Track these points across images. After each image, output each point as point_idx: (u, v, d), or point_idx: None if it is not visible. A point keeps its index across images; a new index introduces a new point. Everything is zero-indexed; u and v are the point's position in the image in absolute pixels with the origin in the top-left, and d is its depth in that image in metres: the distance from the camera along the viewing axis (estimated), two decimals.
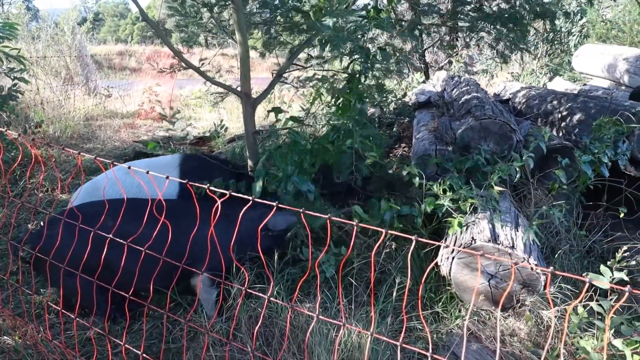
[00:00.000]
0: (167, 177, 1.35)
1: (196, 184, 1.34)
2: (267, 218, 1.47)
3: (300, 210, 1.14)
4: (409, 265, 1.08)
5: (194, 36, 3.48)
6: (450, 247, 1.33)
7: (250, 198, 1.19)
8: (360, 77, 2.88)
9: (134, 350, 1.47)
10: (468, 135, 2.96)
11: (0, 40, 3.90)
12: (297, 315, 2.07)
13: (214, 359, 1.99)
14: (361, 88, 2.95)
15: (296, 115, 3.41)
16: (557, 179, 2.71)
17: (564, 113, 3.75)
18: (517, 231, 2.27)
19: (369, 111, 5.61)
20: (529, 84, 6.62)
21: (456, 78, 5.37)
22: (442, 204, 2.38)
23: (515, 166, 2.52)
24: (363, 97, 2.89)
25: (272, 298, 1.55)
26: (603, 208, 2.92)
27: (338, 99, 2.99)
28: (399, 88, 6.81)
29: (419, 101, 5.35)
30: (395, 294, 2.19)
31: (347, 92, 2.90)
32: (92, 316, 2.13)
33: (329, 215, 1.09)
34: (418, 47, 7.29)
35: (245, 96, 3.10)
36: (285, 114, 3.11)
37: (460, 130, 3.01)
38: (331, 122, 3.02)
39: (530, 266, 2.04)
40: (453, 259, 2.21)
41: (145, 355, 1.36)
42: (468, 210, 2.35)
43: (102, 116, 6.96)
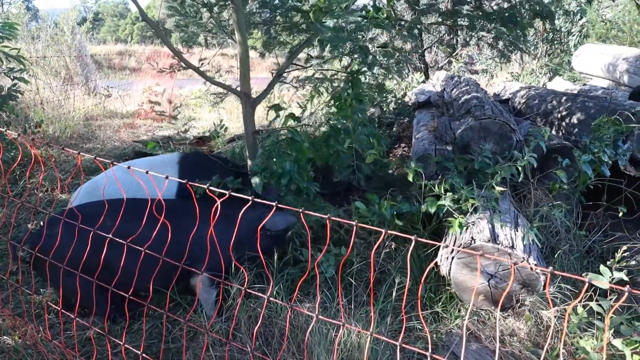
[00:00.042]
0: (167, 177, 1.35)
1: (196, 184, 1.34)
2: (267, 218, 1.46)
3: (300, 210, 1.14)
4: (409, 265, 1.08)
5: (194, 36, 3.48)
6: (449, 247, 1.33)
7: (249, 198, 1.19)
8: (358, 76, 2.88)
9: (134, 350, 1.47)
10: (468, 135, 2.96)
11: (0, 40, 3.90)
12: (297, 315, 2.07)
13: (214, 359, 1.99)
14: (361, 88, 2.95)
15: (295, 114, 3.41)
16: (558, 179, 2.71)
17: (564, 113, 3.74)
18: (517, 231, 2.27)
19: (369, 111, 5.61)
20: (529, 84, 6.62)
21: (456, 78, 5.37)
22: (444, 204, 2.38)
23: (519, 165, 2.52)
24: (362, 97, 2.89)
25: (272, 298, 1.55)
26: (603, 208, 2.92)
27: (338, 99, 2.99)
28: (399, 88, 6.80)
29: (419, 101, 5.34)
30: (394, 294, 2.19)
31: (346, 92, 2.90)
32: (92, 316, 2.13)
33: (329, 215, 1.09)
34: (418, 47, 7.29)
35: (244, 96, 3.10)
36: (284, 112, 3.10)
37: (460, 130, 3.01)
38: (331, 122, 3.02)
39: (529, 266, 2.04)
40: (453, 259, 2.21)
41: (144, 355, 1.36)
42: (469, 209, 2.35)
43: (102, 116, 6.95)
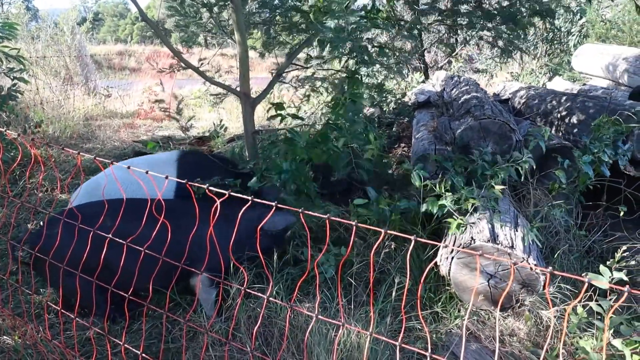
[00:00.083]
0: (167, 177, 1.35)
1: (196, 184, 1.34)
2: (267, 218, 1.46)
3: (299, 210, 1.14)
4: (408, 265, 1.08)
5: (194, 36, 3.48)
6: (449, 247, 1.33)
7: (249, 198, 1.19)
8: (357, 75, 2.88)
9: (134, 350, 1.47)
10: (467, 135, 2.96)
11: (0, 40, 3.90)
12: (297, 315, 2.07)
13: (213, 359, 1.99)
14: (359, 87, 2.95)
15: (293, 113, 3.42)
16: (557, 179, 2.71)
17: (564, 113, 3.74)
18: (517, 231, 2.27)
19: (369, 111, 5.61)
20: (529, 84, 6.61)
21: (455, 78, 5.37)
22: (444, 205, 2.38)
23: (518, 166, 2.52)
24: (357, 97, 2.87)
25: (272, 298, 1.55)
26: (602, 208, 2.92)
27: (334, 99, 2.99)
28: (399, 88, 6.81)
29: (419, 101, 5.34)
30: (394, 294, 2.19)
31: (345, 91, 2.90)
32: (92, 316, 2.13)
33: (328, 215, 1.09)
34: (418, 47, 7.29)
35: (244, 96, 3.10)
36: (285, 111, 3.11)
37: (459, 130, 3.01)
38: (329, 122, 3.02)
39: (529, 266, 2.04)
40: (452, 259, 2.21)
41: (144, 355, 1.36)
42: (470, 209, 2.35)
43: (102, 116, 6.95)
